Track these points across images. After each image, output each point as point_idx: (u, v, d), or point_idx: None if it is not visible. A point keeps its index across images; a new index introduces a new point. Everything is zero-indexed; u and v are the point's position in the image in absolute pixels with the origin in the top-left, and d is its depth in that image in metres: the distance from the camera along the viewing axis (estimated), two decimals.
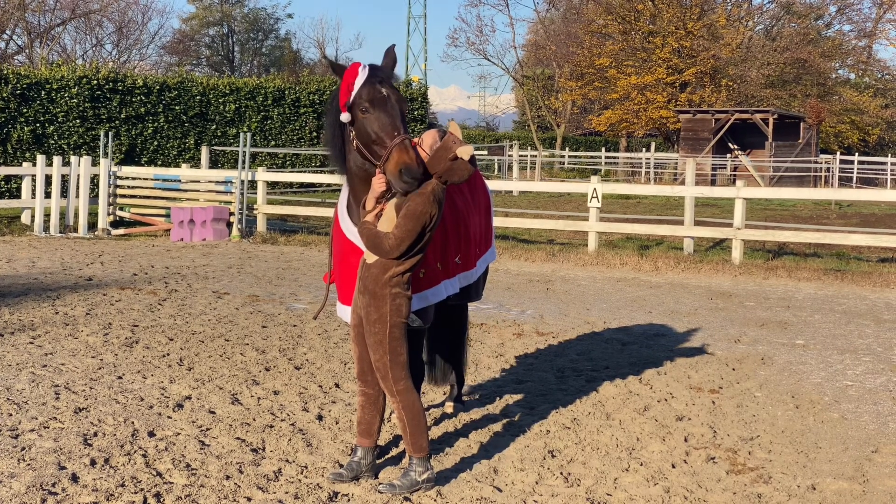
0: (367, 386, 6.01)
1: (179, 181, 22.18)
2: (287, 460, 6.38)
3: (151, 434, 6.84)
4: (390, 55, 6.04)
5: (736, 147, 47.71)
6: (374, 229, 5.67)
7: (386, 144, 5.65)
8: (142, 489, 5.75)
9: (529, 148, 56.22)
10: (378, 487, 5.86)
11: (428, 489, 5.83)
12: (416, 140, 5.84)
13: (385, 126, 5.68)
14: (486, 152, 46.57)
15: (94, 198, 22.27)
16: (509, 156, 43.97)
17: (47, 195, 21.45)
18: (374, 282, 5.73)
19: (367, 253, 5.79)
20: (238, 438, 6.80)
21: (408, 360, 5.86)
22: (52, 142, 27.47)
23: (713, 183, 43.51)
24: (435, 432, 7.09)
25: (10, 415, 7.18)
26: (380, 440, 6.61)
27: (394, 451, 6.61)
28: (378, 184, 5.70)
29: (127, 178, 22.54)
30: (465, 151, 5.64)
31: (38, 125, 27.26)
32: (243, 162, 21.23)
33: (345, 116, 5.81)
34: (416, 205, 5.61)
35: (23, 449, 6.40)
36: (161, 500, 5.63)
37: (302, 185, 31.24)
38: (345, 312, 6.34)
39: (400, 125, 5.71)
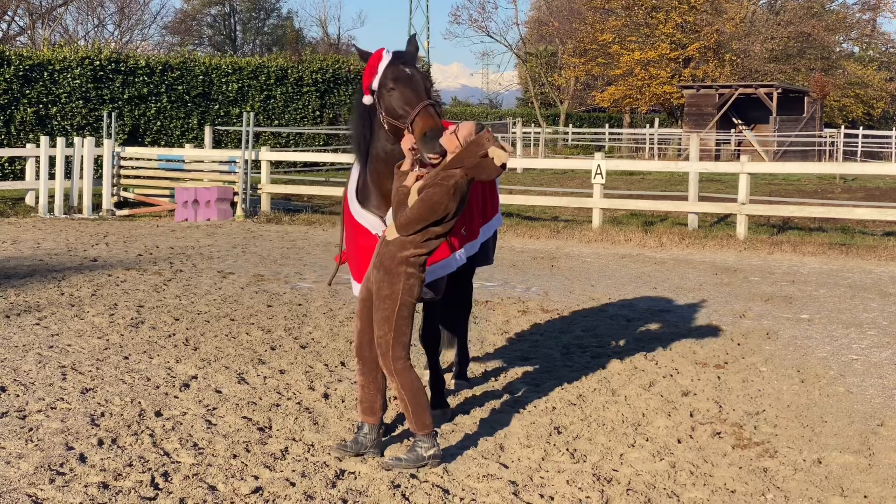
0: (364, 363, 6.05)
1: (183, 161, 22.17)
2: (294, 439, 6.40)
3: (158, 414, 6.86)
4: (413, 43, 6.33)
5: (740, 122, 47.56)
6: (404, 199, 5.75)
7: None
8: (149, 469, 5.78)
9: (533, 125, 56.12)
10: (385, 462, 5.89)
11: (434, 465, 5.85)
12: (452, 126, 5.94)
13: (410, 99, 5.91)
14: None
15: (97, 179, 22.26)
16: (513, 133, 43.87)
17: (51, 176, 21.43)
18: (391, 259, 5.77)
19: (388, 229, 5.87)
20: (245, 417, 6.82)
21: (409, 339, 5.90)
22: (56, 123, 27.43)
23: (717, 158, 43.40)
24: None
25: (18, 396, 7.20)
26: (386, 418, 6.62)
27: (400, 429, 6.62)
28: (404, 144, 5.87)
29: (130, 158, 22.52)
30: (497, 153, 5.64)
31: (40, 106, 27.22)
32: (247, 141, 21.21)
33: (367, 99, 6.12)
34: (433, 194, 5.64)
35: (30, 430, 6.43)
36: (169, 479, 5.65)
37: (306, 164, 31.17)
38: (357, 290, 6.49)
39: (425, 97, 5.96)
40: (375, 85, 6.04)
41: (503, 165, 5.71)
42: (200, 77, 31.44)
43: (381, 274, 5.81)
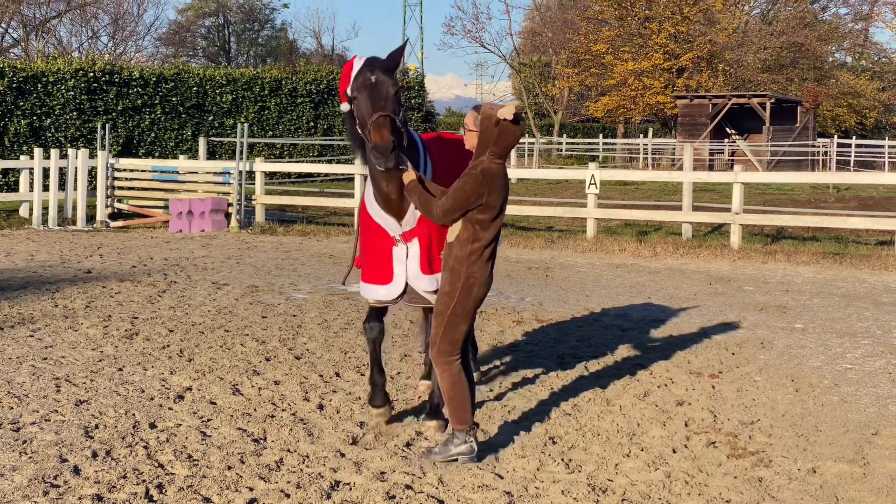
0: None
1: (177, 173, 22.16)
2: (288, 450, 6.40)
3: (153, 426, 6.85)
4: (399, 49, 6.31)
5: (733, 132, 47.66)
6: (426, 194, 5.96)
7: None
8: (144, 481, 5.76)
9: (527, 135, 56.15)
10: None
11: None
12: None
13: (368, 109, 5.97)
14: None
15: (91, 190, 22.24)
16: None
17: (45, 188, 21.40)
18: (455, 259, 5.96)
19: (449, 234, 6.02)
20: (239, 429, 6.81)
21: (462, 338, 6.03)
22: (50, 135, 27.43)
23: (711, 168, 43.48)
24: None
25: (12, 408, 7.18)
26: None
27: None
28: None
29: (125, 170, 22.51)
30: (505, 111, 5.83)
31: (34, 118, 27.22)
32: (241, 152, 21.21)
33: (344, 106, 6.19)
34: (463, 183, 5.87)
35: (24, 442, 6.41)
36: (163, 491, 5.64)
37: (300, 175, 31.21)
38: (368, 291, 6.62)
39: (383, 105, 5.96)
40: (349, 92, 6.11)
41: (517, 119, 5.83)
42: (194, 88, 31.47)
43: (446, 273, 6.01)
